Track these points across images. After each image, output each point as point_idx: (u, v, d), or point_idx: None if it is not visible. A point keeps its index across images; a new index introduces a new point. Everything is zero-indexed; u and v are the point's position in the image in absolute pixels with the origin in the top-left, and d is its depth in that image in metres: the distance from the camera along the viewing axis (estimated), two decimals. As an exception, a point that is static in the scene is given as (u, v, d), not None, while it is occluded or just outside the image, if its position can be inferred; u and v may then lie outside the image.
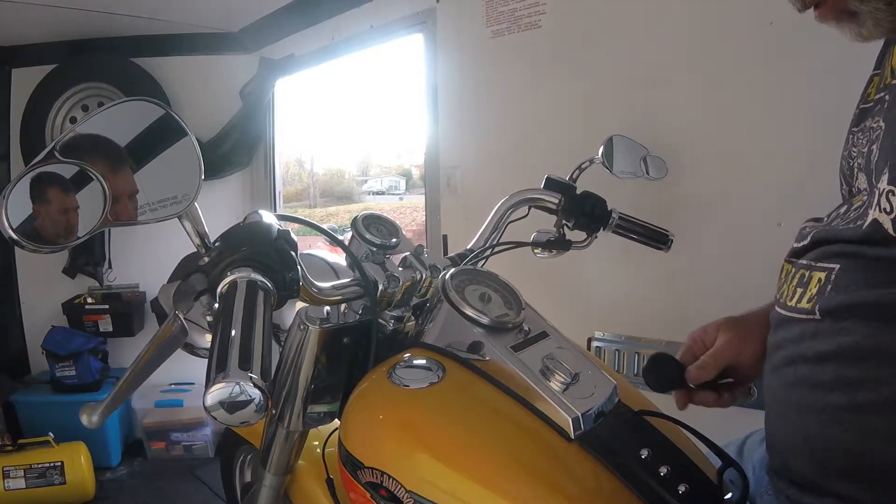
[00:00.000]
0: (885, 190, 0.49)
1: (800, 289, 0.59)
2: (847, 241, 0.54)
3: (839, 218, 0.60)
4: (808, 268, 0.59)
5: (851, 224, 0.55)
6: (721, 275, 1.30)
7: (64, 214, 0.62)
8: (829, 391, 0.53)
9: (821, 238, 0.59)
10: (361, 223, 0.83)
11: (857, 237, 0.53)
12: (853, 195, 0.61)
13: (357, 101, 25.08)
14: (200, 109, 2.79)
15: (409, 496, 0.60)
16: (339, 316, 0.82)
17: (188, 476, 2.62)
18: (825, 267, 0.56)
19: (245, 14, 2.67)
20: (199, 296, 0.63)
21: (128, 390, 0.67)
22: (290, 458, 0.85)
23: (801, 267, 0.60)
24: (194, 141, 0.68)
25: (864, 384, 0.51)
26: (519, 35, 1.78)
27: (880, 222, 0.50)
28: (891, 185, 0.49)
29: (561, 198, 1.04)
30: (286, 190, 4.14)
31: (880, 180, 0.51)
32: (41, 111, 2.74)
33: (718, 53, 1.35)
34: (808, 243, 0.61)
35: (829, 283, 0.55)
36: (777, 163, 1.26)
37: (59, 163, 0.61)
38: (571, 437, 0.61)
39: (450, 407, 0.66)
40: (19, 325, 2.99)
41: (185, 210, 0.66)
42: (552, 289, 1.37)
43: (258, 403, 0.50)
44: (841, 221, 0.58)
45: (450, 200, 2.06)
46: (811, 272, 0.58)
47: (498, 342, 0.67)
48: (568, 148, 1.25)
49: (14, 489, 2.29)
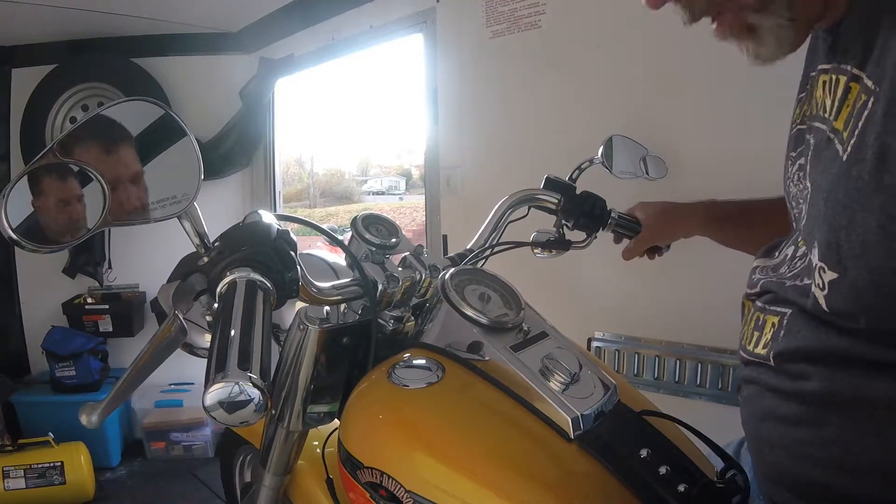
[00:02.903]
0: (817, 265, 0.49)
1: (756, 332, 0.59)
2: (794, 295, 0.54)
3: (786, 265, 0.59)
4: (762, 311, 0.59)
5: (798, 281, 0.55)
6: (721, 275, 1.30)
7: (64, 208, 0.62)
8: (795, 425, 0.53)
9: (769, 288, 0.59)
10: (361, 223, 0.83)
11: (800, 298, 0.53)
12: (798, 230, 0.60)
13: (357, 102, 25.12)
14: (200, 109, 2.79)
15: (409, 496, 0.60)
16: (338, 316, 0.82)
17: (188, 476, 2.63)
18: (777, 311, 0.56)
19: (245, 14, 2.67)
20: (198, 296, 0.63)
21: (127, 390, 0.67)
22: (289, 458, 0.85)
23: (757, 309, 0.61)
24: (194, 141, 0.68)
25: (827, 421, 0.51)
26: (519, 35, 1.78)
27: (816, 297, 0.49)
28: (821, 261, 0.48)
29: (560, 198, 1.04)
30: (286, 190, 4.14)
31: (812, 253, 0.50)
32: (41, 111, 2.74)
33: (718, 53, 1.34)
34: (758, 290, 0.61)
35: (782, 328, 0.55)
36: (777, 163, 1.26)
37: (59, 162, 0.61)
38: (571, 437, 0.61)
39: (449, 407, 0.66)
40: (19, 325, 2.99)
41: (185, 210, 0.66)
42: (552, 289, 1.37)
43: (257, 403, 0.50)
44: (787, 270, 0.58)
45: (450, 200, 2.06)
46: (765, 315, 0.58)
47: (497, 342, 0.67)
48: (568, 148, 1.24)
49: (14, 489, 2.29)
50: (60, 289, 2.89)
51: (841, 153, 0.46)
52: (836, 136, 0.47)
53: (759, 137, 1.30)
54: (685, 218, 1.02)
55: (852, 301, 0.46)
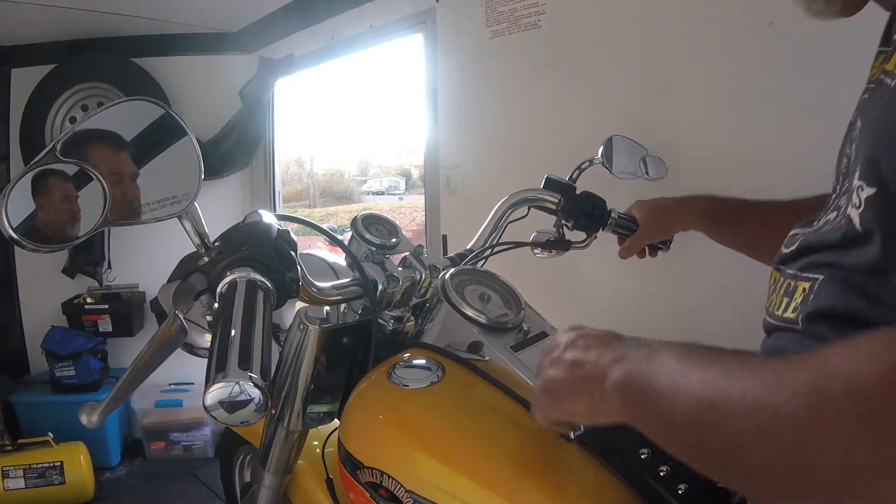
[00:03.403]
0: (857, 186, 0.49)
1: (786, 298, 0.59)
2: (830, 247, 0.54)
3: (829, 224, 0.60)
4: (794, 277, 0.59)
5: (836, 227, 0.55)
6: (721, 274, 1.30)
7: (64, 208, 0.62)
8: None
9: (808, 245, 0.59)
10: (361, 223, 0.83)
11: (837, 239, 0.53)
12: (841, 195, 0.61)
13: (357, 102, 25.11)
14: (200, 109, 2.79)
15: (409, 496, 0.60)
16: (338, 316, 0.82)
17: (188, 476, 2.62)
18: (810, 277, 0.56)
19: (245, 14, 2.67)
20: (198, 295, 0.64)
21: (127, 390, 0.67)
22: (289, 458, 0.85)
23: (788, 276, 0.61)
24: (194, 141, 0.68)
25: None
26: (519, 35, 1.78)
27: (851, 218, 0.50)
28: (860, 180, 0.48)
29: (560, 198, 1.04)
30: (286, 190, 4.14)
31: (853, 178, 0.51)
32: (41, 111, 2.74)
33: (718, 53, 1.35)
34: (795, 249, 0.61)
35: (813, 292, 0.55)
36: (777, 163, 1.26)
37: (59, 162, 0.61)
38: (571, 437, 0.61)
39: (449, 407, 0.66)
40: (19, 325, 2.99)
41: (185, 210, 0.66)
42: (552, 289, 1.37)
43: (258, 403, 0.50)
44: (829, 227, 0.58)
45: (449, 200, 2.06)
46: (797, 282, 0.58)
47: (497, 342, 0.67)
48: (568, 148, 1.25)
49: (14, 489, 2.29)
50: (60, 289, 2.89)
51: (890, 83, 0.47)
52: (888, 76, 0.48)
53: (759, 137, 1.30)
54: (681, 212, 1.03)
55: (885, 216, 0.45)
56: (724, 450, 0.38)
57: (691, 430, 0.41)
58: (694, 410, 0.40)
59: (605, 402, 0.49)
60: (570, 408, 0.52)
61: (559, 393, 0.53)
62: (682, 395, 0.42)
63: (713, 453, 0.40)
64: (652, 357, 0.46)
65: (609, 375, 0.49)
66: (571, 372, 0.52)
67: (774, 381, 0.36)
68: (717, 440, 0.39)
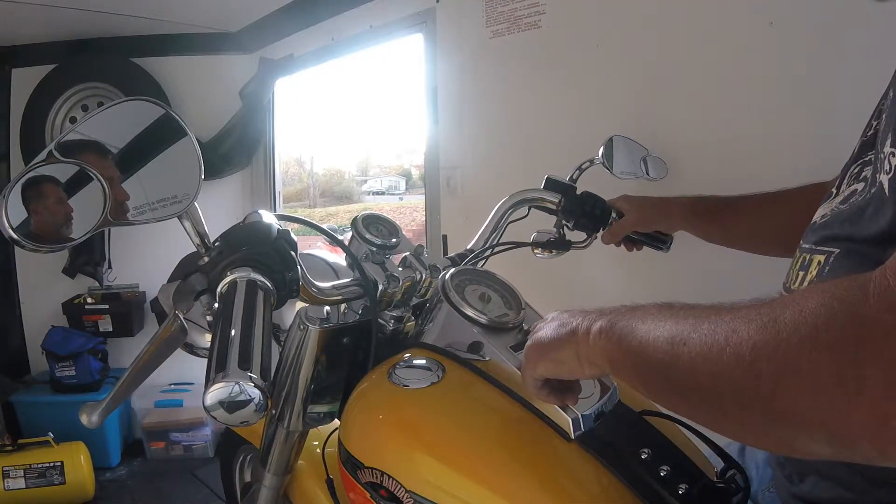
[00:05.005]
0: (888, 154, 0.49)
1: (801, 272, 0.59)
2: (850, 218, 0.54)
3: (855, 195, 0.59)
4: (810, 251, 0.59)
5: (865, 196, 0.55)
6: (721, 275, 1.30)
7: (64, 208, 0.62)
8: None
9: (832, 220, 0.59)
10: (361, 223, 0.83)
11: (861, 209, 0.53)
12: (866, 165, 0.60)
13: (357, 101, 25.07)
14: (200, 109, 2.79)
15: (409, 496, 0.60)
16: (338, 316, 0.82)
17: (188, 476, 2.62)
18: (825, 250, 0.56)
19: (245, 14, 2.67)
20: (198, 295, 0.64)
21: (127, 390, 0.67)
22: (289, 458, 0.85)
23: (804, 251, 0.61)
24: (194, 141, 0.68)
25: None
26: (519, 35, 1.78)
27: (882, 185, 0.50)
28: (893, 147, 0.48)
29: (561, 198, 1.04)
30: (286, 190, 4.14)
31: (885, 144, 0.51)
32: (41, 111, 2.74)
33: (718, 53, 1.35)
34: (818, 224, 0.61)
35: (828, 265, 0.55)
36: (777, 163, 1.26)
37: (59, 162, 0.61)
38: (571, 437, 0.61)
39: (450, 407, 0.66)
40: (19, 325, 2.99)
41: (185, 210, 0.66)
42: (552, 289, 1.37)
43: (258, 403, 0.50)
44: (857, 198, 0.58)
45: (450, 200, 2.06)
46: (812, 255, 0.58)
47: (498, 342, 0.67)
48: (568, 148, 1.25)
49: (14, 489, 2.29)
50: (60, 289, 2.89)
51: None
52: None
53: (759, 137, 1.30)
54: (665, 208, 1.04)
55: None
56: (697, 382, 0.41)
57: (666, 365, 0.43)
58: (668, 345, 0.43)
59: (589, 350, 0.51)
60: (556, 357, 0.54)
61: (546, 345, 0.55)
62: (659, 333, 0.45)
63: (688, 389, 0.42)
64: (634, 309, 0.50)
65: (594, 326, 0.51)
66: (558, 329, 0.55)
67: (741, 315, 0.39)
68: (689, 374, 0.41)
